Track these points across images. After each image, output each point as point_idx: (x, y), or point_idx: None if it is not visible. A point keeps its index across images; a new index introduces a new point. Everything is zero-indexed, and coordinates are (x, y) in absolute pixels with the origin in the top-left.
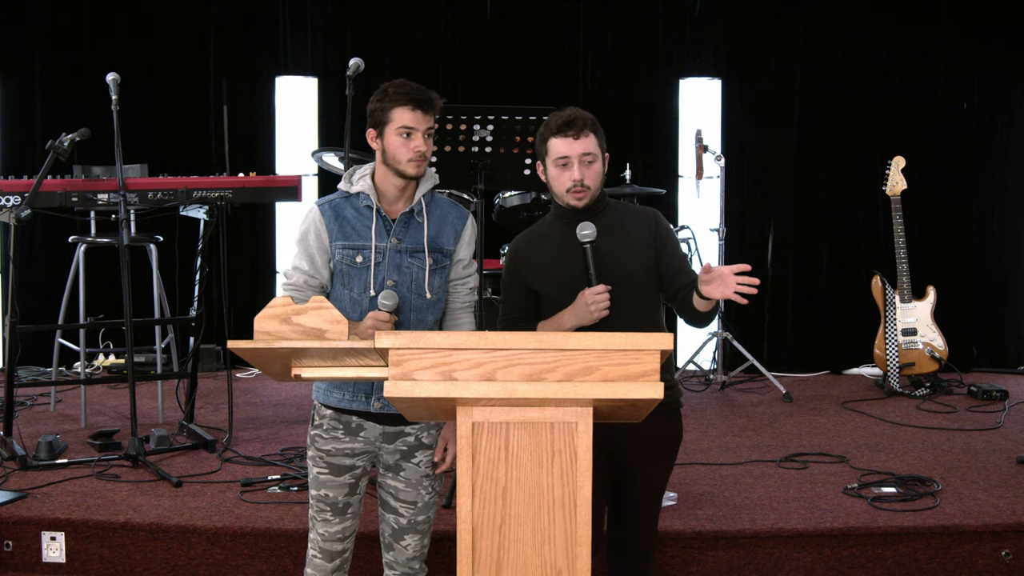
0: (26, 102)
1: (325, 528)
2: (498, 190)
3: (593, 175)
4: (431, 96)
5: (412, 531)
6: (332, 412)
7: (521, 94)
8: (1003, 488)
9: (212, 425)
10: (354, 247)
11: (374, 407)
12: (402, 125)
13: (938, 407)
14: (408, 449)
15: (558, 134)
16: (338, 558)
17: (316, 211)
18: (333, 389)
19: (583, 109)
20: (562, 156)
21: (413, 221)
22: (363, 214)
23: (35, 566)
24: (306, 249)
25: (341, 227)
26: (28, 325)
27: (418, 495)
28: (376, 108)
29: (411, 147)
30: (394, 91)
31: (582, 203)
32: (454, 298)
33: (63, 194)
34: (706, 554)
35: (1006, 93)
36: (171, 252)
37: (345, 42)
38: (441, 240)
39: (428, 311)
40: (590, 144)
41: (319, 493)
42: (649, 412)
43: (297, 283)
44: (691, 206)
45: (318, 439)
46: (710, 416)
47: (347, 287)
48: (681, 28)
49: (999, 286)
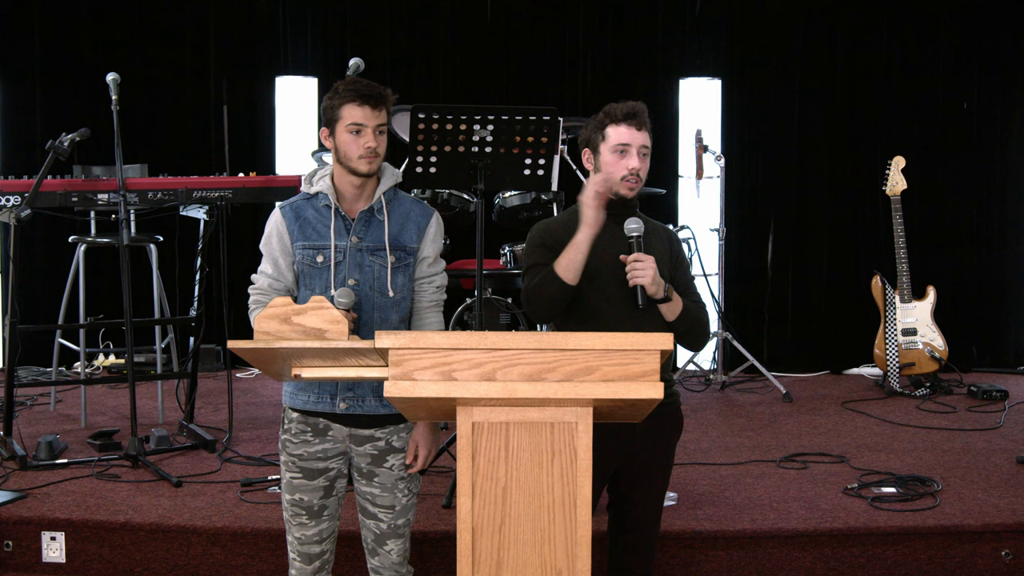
0: (26, 102)
1: (301, 532)
2: (498, 190)
3: (646, 169)
4: (381, 92)
5: (393, 535)
6: (299, 415)
7: (521, 94)
8: (1003, 488)
9: (212, 425)
10: (314, 247)
11: (339, 408)
12: (352, 122)
13: (938, 407)
14: (379, 453)
15: (623, 122)
16: (317, 560)
17: (278, 214)
18: (299, 391)
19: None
20: (624, 143)
21: (374, 219)
22: (323, 214)
23: (35, 566)
24: (270, 253)
25: (302, 228)
26: (28, 325)
27: (395, 499)
28: (328, 106)
29: (361, 144)
30: (344, 88)
31: (632, 193)
32: (420, 296)
33: (63, 194)
34: (706, 554)
35: (1006, 93)
36: (171, 252)
37: (345, 42)
38: (404, 238)
39: (392, 310)
40: (648, 138)
41: (293, 497)
42: (649, 412)
43: (262, 287)
44: (691, 206)
45: (288, 444)
46: (710, 416)
47: (309, 287)
48: (681, 28)
49: (999, 286)
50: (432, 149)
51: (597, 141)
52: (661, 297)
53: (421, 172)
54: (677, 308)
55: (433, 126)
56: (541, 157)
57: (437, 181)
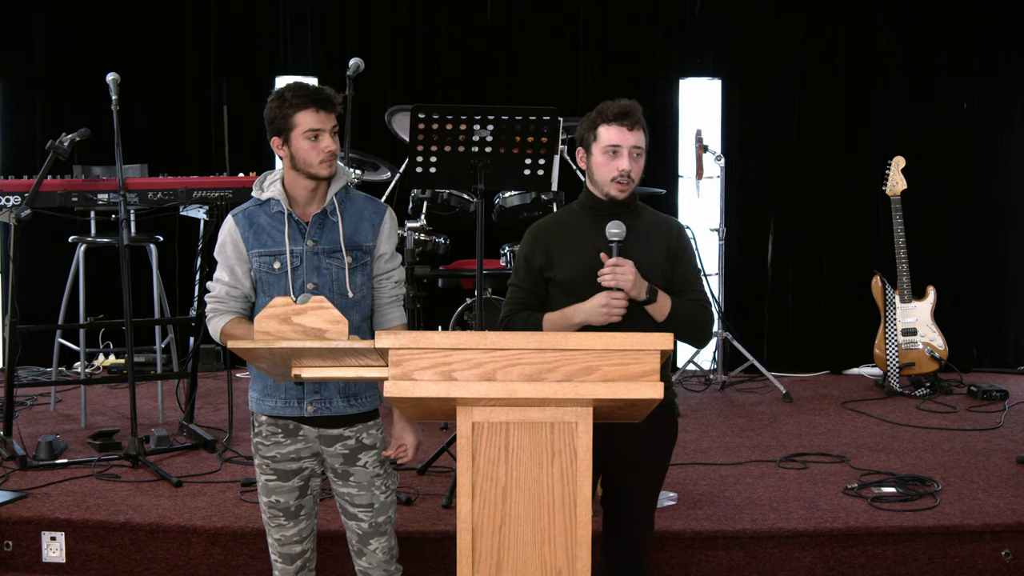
0: (26, 102)
1: (280, 533)
2: (498, 190)
3: (638, 169)
4: (330, 94)
5: (376, 534)
6: (268, 418)
7: (521, 94)
8: (1003, 488)
9: (212, 425)
10: (270, 253)
11: (307, 411)
12: (308, 128)
13: (938, 407)
14: (351, 452)
15: (614, 122)
16: (299, 559)
17: (231, 221)
18: (265, 397)
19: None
20: (614, 144)
21: (328, 221)
22: (276, 220)
23: (35, 566)
24: (225, 260)
25: (256, 234)
26: (28, 325)
27: (373, 496)
28: (277, 115)
29: (321, 148)
30: (292, 95)
31: (623, 195)
32: (380, 293)
33: (63, 194)
34: (706, 554)
35: (1006, 93)
36: (171, 252)
37: (345, 42)
38: (359, 237)
39: (352, 310)
40: (641, 138)
41: (270, 499)
42: (649, 412)
43: (219, 295)
44: (691, 206)
45: (260, 447)
46: (710, 416)
47: (267, 293)
48: (681, 28)
49: (999, 286)
50: (432, 149)
51: (589, 140)
52: (644, 299)
53: (421, 172)
54: (665, 309)
55: (433, 126)
56: (541, 157)
57: (437, 181)
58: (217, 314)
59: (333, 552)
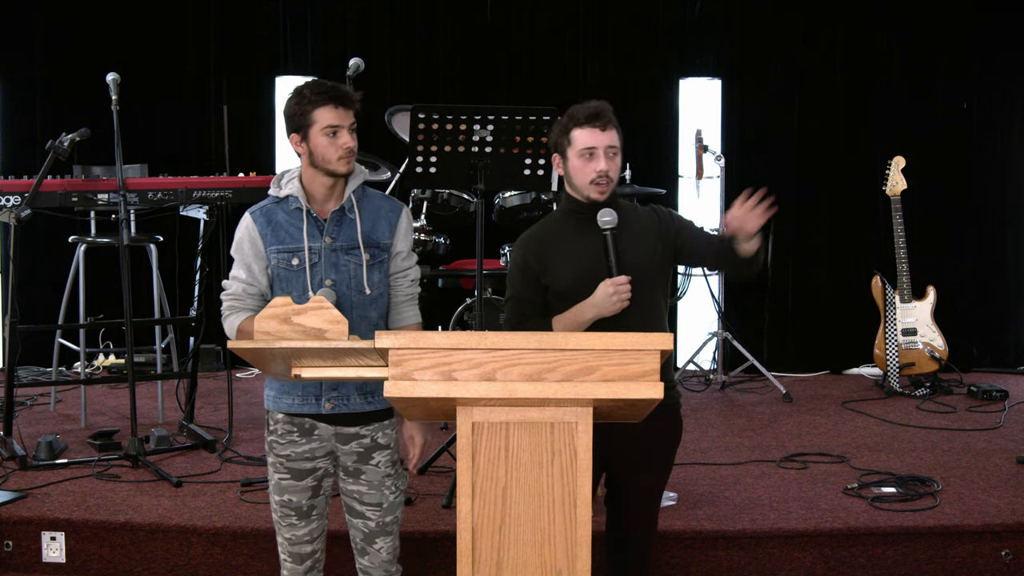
0: (26, 102)
1: (291, 532)
2: (498, 190)
3: (616, 168)
4: (349, 91)
5: (382, 533)
6: (284, 416)
7: (521, 94)
8: (1003, 488)
9: (212, 425)
10: (289, 250)
11: (325, 408)
12: (327, 124)
13: (938, 407)
14: (365, 451)
15: (585, 125)
16: (309, 559)
17: (248, 219)
18: (283, 395)
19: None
20: (589, 147)
21: (345, 218)
22: (294, 217)
23: (35, 566)
24: (242, 258)
25: (274, 231)
26: (28, 325)
27: (382, 496)
28: (296, 112)
29: (339, 144)
30: (311, 92)
31: (604, 196)
32: (396, 292)
33: (63, 194)
34: (706, 554)
35: (1006, 93)
36: (171, 252)
37: (345, 42)
38: (376, 234)
39: (370, 307)
40: (614, 137)
41: (282, 498)
42: (649, 412)
43: (236, 292)
44: (691, 206)
45: (275, 445)
46: (710, 416)
47: (285, 290)
48: (681, 28)
49: (999, 286)
50: (432, 149)
51: (564, 146)
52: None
53: (421, 172)
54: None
55: (433, 126)
56: (541, 157)
57: (437, 181)
58: (234, 311)
59: (333, 552)
